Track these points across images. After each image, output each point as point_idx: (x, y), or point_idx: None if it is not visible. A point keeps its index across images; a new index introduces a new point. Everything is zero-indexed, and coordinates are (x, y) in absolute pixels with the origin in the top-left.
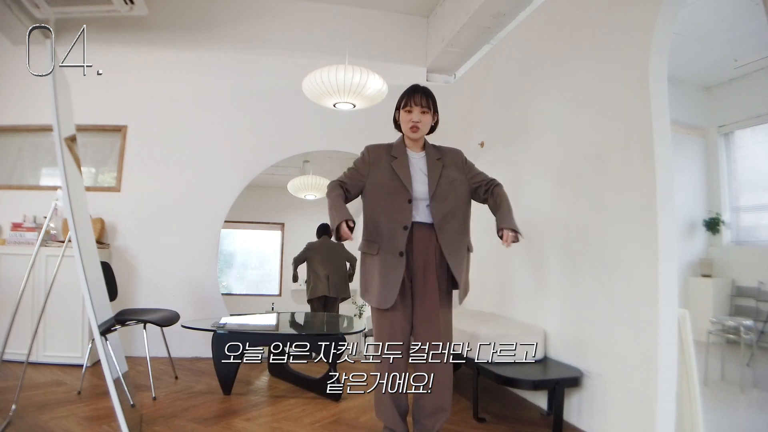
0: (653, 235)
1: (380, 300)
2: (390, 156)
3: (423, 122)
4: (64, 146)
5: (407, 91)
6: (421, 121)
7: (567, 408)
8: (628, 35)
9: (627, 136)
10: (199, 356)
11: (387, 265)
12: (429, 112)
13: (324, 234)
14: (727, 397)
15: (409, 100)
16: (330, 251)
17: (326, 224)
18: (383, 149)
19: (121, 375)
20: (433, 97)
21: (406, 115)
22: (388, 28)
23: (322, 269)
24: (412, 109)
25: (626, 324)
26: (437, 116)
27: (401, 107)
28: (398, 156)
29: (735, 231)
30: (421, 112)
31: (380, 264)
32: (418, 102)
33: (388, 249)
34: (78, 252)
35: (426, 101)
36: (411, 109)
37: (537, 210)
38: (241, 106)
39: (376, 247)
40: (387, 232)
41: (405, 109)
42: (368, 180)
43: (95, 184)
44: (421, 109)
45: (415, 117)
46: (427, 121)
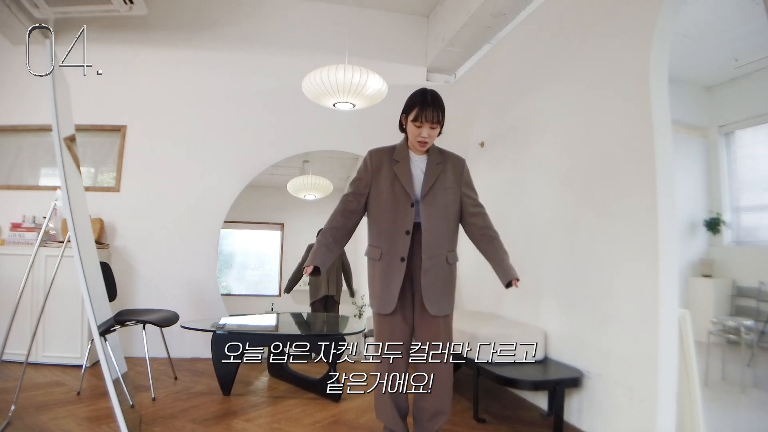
0: (654, 235)
1: (381, 305)
2: (392, 160)
3: (431, 136)
4: (64, 146)
5: (419, 101)
6: (430, 135)
7: (567, 408)
8: (629, 35)
9: (627, 136)
10: (199, 357)
11: (389, 270)
12: (438, 127)
13: None
14: (727, 398)
15: (420, 115)
16: None
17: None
18: (386, 153)
19: (121, 375)
20: (443, 106)
21: (415, 128)
22: (388, 27)
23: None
24: (423, 125)
25: (627, 324)
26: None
27: (411, 119)
28: (400, 160)
29: (736, 231)
30: (431, 128)
31: (382, 270)
32: (430, 118)
33: (391, 254)
34: (77, 252)
35: (438, 117)
36: (421, 124)
37: (537, 210)
38: (241, 106)
39: (378, 252)
40: (389, 237)
41: (415, 122)
42: (372, 186)
43: (94, 184)
44: (431, 125)
45: (424, 133)
46: (435, 134)
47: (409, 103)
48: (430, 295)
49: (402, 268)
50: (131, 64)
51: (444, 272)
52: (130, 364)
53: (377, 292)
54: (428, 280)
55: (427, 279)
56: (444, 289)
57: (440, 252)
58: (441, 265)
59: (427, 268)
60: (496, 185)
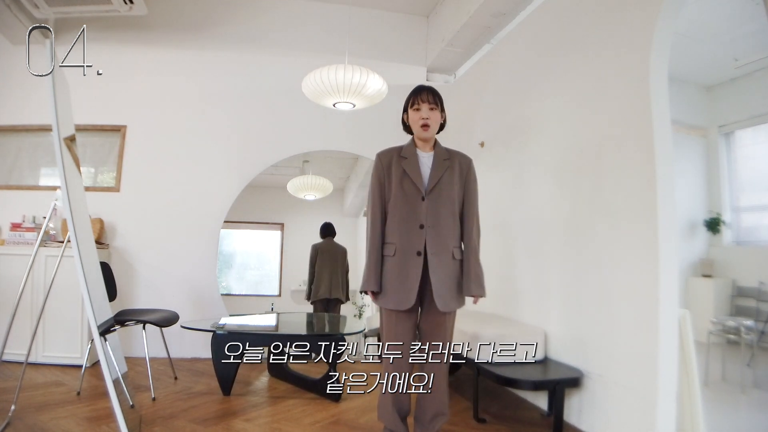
0: (654, 235)
1: (398, 302)
2: (400, 157)
3: (432, 119)
4: (64, 146)
5: (412, 92)
6: (431, 117)
7: (567, 408)
8: (629, 35)
9: (627, 136)
10: (199, 357)
11: (405, 266)
12: (437, 109)
13: (328, 235)
14: (727, 398)
15: (416, 99)
16: (333, 252)
17: (329, 224)
18: (394, 152)
19: (121, 375)
20: (439, 95)
21: (414, 114)
22: (388, 27)
23: (326, 270)
24: (420, 106)
25: (627, 324)
26: (444, 114)
27: (409, 107)
28: (408, 156)
29: (736, 231)
30: (429, 109)
31: (398, 265)
32: (425, 99)
33: (405, 249)
34: (77, 252)
35: (433, 98)
36: (419, 106)
37: (537, 210)
38: (241, 106)
39: (392, 248)
40: (404, 232)
41: (413, 108)
42: (385, 184)
43: (94, 184)
44: (429, 106)
45: (424, 113)
46: (436, 118)
47: (406, 99)
48: (440, 291)
49: (419, 263)
50: (131, 64)
51: (451, 267)
52: (130, 364)
53: (392, 288)
54: (437, 276)
55: (436, 275)
56: (452, 284)
57: (447, 247)
58: (448, 260)
59: (433, 263)
60: (496, 185)
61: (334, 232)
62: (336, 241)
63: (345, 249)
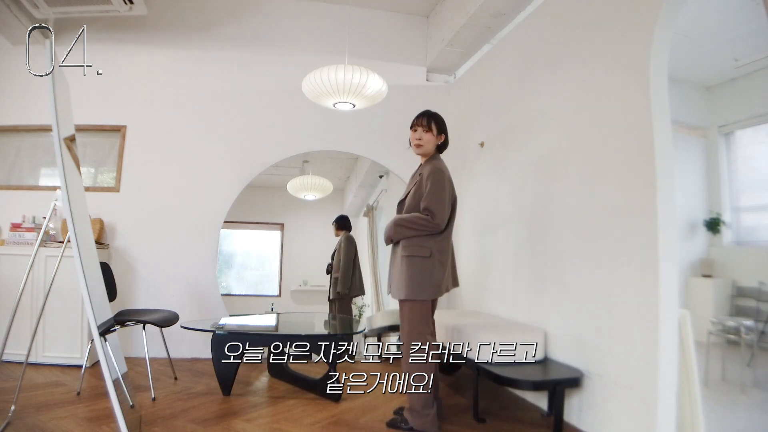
0: (654, 236)
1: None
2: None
3: (424, 140)
4: (64, 146)
5: (415, 116)
6: (422, 138)
7: (567, 408)
8: (629, 35)
9: (627, 136)
10: (199, 357)
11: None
12: (431, 132)
13: (343, 229)
14: (727, 398)
15: (414, 122)
16: (346, 248)
17: (345, 216)
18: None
19: (121, 376)
20: (438, 118)
21: (412, 134)
22: (388, 27)
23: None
24: (416, 128)
25: (627, 324)
26: (444, 136)
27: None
28: (415, 170)
29: (736, 231)
30: (423, 131)
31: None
32: (420, 123)
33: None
34: (77, 252)
35: (426, 121)
36: (415, 128)
37: (537, 210)
38: (241, 106)
39: (428, 250)
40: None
41: (412, 129)
42: None
43: (94, 185)
44: (423, 129)
45: (416, 135)
46: (428, 138)
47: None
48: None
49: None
50: (131, 64)
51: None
52: (130, 364)
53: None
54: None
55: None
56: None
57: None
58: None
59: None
60: (496, 185)
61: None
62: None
63: (354, 242)
